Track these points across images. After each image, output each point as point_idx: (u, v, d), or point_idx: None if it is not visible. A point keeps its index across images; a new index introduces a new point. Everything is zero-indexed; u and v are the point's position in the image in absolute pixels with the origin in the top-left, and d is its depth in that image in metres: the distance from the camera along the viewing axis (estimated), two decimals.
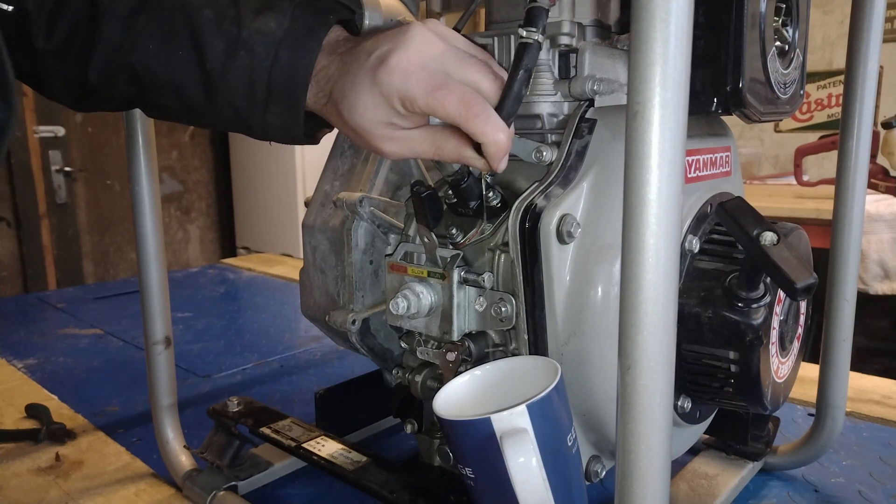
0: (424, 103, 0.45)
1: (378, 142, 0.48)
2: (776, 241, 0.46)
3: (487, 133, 0.45)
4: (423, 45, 0.46)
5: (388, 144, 0.48)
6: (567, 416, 0.47)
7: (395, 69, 0.45)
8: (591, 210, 0.52)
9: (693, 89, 0.34)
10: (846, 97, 0.61)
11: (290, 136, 0.51)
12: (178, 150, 3.29)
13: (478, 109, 0.45)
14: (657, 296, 0.34)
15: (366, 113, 0.47)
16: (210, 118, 0.52)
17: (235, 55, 0.48)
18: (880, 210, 2.01)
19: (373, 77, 0.45)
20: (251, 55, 0.48)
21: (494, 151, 0.46)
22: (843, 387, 0.65)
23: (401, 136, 0.48)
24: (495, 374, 0.52)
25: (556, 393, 0.45)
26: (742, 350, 0.51)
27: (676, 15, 0.31)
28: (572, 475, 0.47)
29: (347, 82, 0.47)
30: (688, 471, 0.67)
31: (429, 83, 0.45)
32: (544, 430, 0.44)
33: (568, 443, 0.47)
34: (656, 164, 0.33)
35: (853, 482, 0.69)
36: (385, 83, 0.45)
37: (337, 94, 0.48)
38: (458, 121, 0.45)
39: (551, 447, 0.45)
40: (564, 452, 0.46)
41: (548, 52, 0.56)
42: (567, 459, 0.46)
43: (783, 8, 0.56)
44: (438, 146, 0.48)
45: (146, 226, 0.68)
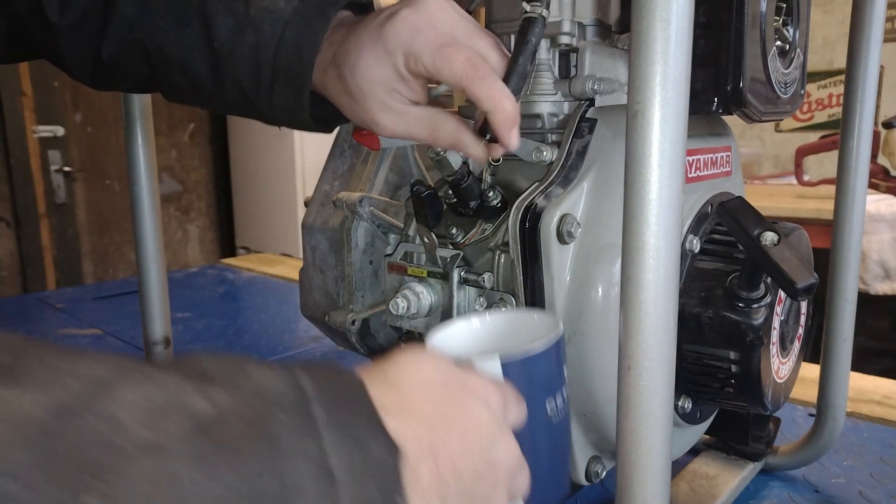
0: (430, 61, 0.43)
1: (374, 110, 0.46)
2: (777, 241, 0.46)
3: (495, 97, 0.43)
4: (437, 9, 0.45)
5: (383, 115, 0.46)
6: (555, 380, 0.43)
7: (405, 23, 0.43)
8: (591, 210, 0.52)
9: (693, 89, 0.34)
10: (847, 97, 0.61)
11: (298, 120, 0.50)
12: (178, 150, 3.29)
13: (485, 72, 0.43)
14: (658, 296, 0.34)
15: (367, 72, 0.45)
16: (220, 99, 0.52)
17: (243, 34, 0.47)
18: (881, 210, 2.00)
19: (379, 31, 0.44)
20: (258, 34, 0.47)
21: (503, 119, 0.44)
22: (844, 387, 0.65)
23: (398, 109, 0.46)
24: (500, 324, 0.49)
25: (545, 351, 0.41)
26: (743, 350, 0.51)
27: (677, 14, 0.31)
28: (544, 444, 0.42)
29: (352, 42, 0.45)
30: (688, 471, 0.67)
31: (437, 41, 0.43)
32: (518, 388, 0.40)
33: (547, 409, 0.42)
34: (657, 163, 0.33)
35: (854, 482, 0.69)
36: (391, 37, 0.44)
37: (340, 55, 0.46)
38: (463, 82, 0.43)
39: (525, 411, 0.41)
40: (539, 418, 0.41)
41: (548, 52, 0.56)
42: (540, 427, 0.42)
43: (784, 7, 0.56)
44: (434, 128, 0.47)
45: (145, 226, 0.68)
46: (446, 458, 0.31)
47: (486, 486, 0.33)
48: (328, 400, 0.27)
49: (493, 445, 0.33)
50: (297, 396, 0.26)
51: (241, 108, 0.52)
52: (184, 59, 0.49)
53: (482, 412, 0.33)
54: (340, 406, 0.27)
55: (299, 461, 0.24)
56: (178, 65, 0.50)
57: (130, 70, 0.52)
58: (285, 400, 0.26)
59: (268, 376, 0.26)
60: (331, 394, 0.27)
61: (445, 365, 0.35)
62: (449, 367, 0.35)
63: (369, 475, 0.26)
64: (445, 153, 0.55)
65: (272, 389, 0.26)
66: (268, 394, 0.25)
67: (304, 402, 0.26)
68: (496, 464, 0.33)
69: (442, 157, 0.55)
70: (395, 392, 0.31)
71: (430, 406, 0.32)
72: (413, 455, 0.29)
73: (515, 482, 0.36)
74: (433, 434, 0.31)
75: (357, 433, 0.27)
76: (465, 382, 0.34)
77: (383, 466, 0.27)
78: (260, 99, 0.49)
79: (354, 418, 0.27)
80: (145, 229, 0.67)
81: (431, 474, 0.30)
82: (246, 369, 0.26)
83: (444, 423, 0.32)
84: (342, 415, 0.27)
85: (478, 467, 0.32)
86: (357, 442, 0.26)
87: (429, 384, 0.33)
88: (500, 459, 0.34)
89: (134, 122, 0.65)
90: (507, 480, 0.34)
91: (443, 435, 0.31)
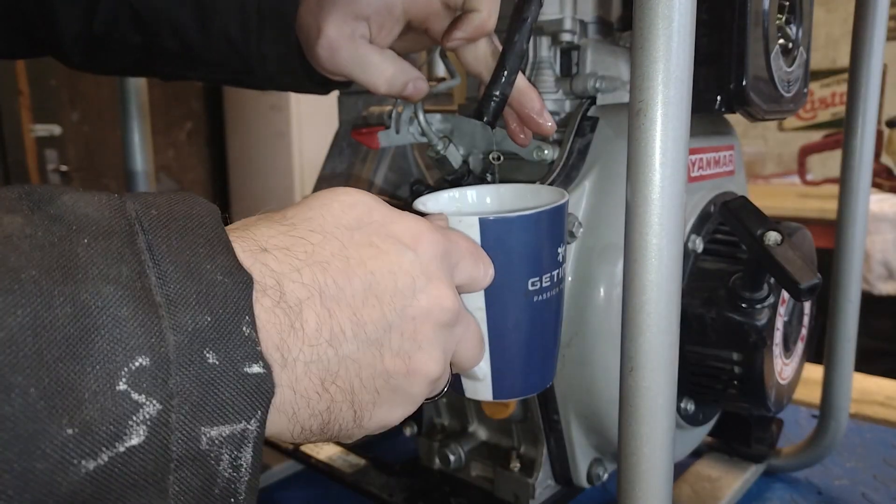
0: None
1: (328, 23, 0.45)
2: (780, 241, 0.46)
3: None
4: None
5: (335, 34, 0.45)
6: (542, 255, 0.38)
7: None
8: (593, 209, 0.52)
9: (696, 87, 0.34)
10: (850, 95, 0.61)
11: (289, 70, 0.50)
12: (175, 150, 3.29)
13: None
14: (660, 296, 0.33)
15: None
16: (210, 58, 0.51)
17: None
18: (884, 210, 2.00)
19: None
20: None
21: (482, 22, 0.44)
22: (847, 388, 0.64)
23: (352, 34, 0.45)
24: (504, 195, 0.45)
25: (529, 216, 0.37)
26: (745, 351, 0.50)
27: (679, 12, 0.31)
28: (522, 323, 0.39)
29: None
30: (691, 473, 0.67)
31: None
32: (498, 258, 0.37)
33: (527, 285, 0.38)
34: (659, 162, 0.32)
35: (857, 484, 0.68)
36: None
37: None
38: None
39: (500, 282, 0.37)
40: (517, 292, 0.38)
41: (549, 50, 0.56)
42: (517, 302, 0.38)
43: (786, 6, 0.56)
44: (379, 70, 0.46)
45: None
46: (343, 303, 0.28)
47: (402, 337, 0.30)
48: (161, 228, 0.25)
49: (413, 293, 0.30)
50: (115, 223, 0.24)
51: (232, 67, 0.51)
52: (172, 16, 0.49)
53: (401, 256, 0.30)
54: (176, 234, 0.25)
55: (104, 286, 0.22)
56: (167, 23, 0.50)
57: (122, 40, 0.52)
58: (97, 226, 0.23)
59: (83, 202, 0.24)
60: (167, 222, 0.25)
61: (365, 206, 0.31)
62: (369, 209, 0.31)
63: (204, 303, 0.24)
64: (446, 152, 0.54)
65: (81, 214, 0.23)
66: (72, 219, 0.23)
67: (125, 229, 0.24)
68: (418, 313, 0.30)
69: (442, 155, 0.54)
70: (286, 231, 0.29)
71: (329, 246, 0.29)
72: (295, 297, 0.27)
73: (454, 337, 0.33)
74: (326, 276, 0.28)
75: (192, 260, 0.24)
76: (388, 225, 0.31)
77: (223, 293, 0.24)
78: (249, 49, 0.49)
79: (192, 247, 0.25)
80: None
81: (320, 319, 0.28)
82: (60, 196, 0.24)
83: (344, 265, 0.29)
84: (175, 243, 0.24)
85: (388, 316, 0.30)
86: (190, 269, 0.24)
87: (335, 224, 0.30)
88: (424, 308, 0.31)
89: (131, 121, 0.65)
90: (436, 332, 0.31)
91: (340, 278, 0.28)
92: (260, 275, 0.26)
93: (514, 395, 0.41)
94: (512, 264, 0.37)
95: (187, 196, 0.27)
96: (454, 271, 0.33)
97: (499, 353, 0.38)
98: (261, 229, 0.28)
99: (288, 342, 0.26)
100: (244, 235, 0.27)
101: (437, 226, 0.34)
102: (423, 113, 0.55)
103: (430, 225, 0.33)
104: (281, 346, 0.26)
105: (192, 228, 0.25)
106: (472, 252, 0.35)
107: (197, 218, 0.26)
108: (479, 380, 0.39)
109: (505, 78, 0.45)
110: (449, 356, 0.33)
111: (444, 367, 0.33)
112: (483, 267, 0.35)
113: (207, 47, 0.51)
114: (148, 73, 0.57)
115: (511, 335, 0.38)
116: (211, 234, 0.26)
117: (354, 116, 0.71)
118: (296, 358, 0.27)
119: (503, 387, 0.39)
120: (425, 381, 0.32)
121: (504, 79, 0.45)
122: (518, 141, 0.51)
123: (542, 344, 0.40)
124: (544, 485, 0.57)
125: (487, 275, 0.35)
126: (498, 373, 0.39)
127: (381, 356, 0.30)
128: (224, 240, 0.26)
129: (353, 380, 0.29)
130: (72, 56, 0.54)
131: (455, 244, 0.33)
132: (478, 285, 0.36)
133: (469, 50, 0.47)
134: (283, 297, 0.27)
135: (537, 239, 0.37)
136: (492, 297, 0.37)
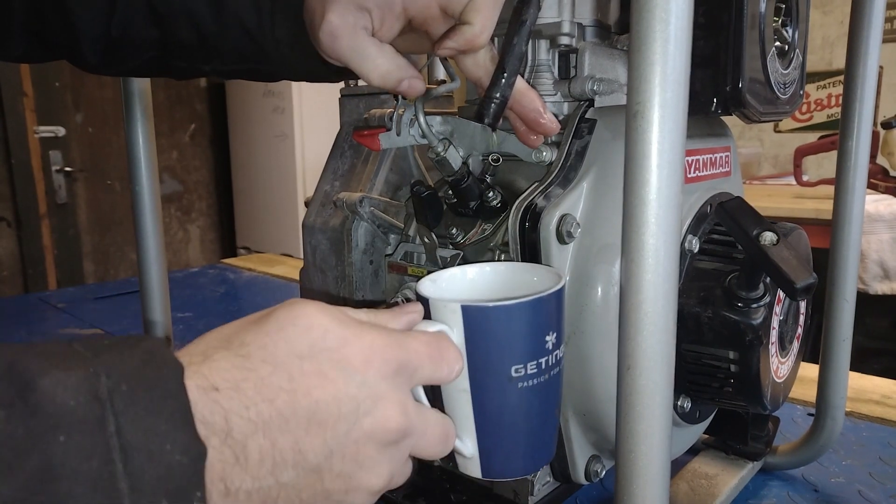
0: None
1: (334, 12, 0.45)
2: (776, 241, 0.46)
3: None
4: None
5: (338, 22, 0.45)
6: (527, 342, 0.38)
7: None
8: (590, 210, 0.52)
9: (693, 89, 0.34)
10: (846, 97, 0.61)
11: (303, 52, 0.50)
12: (179, 151, 3.30)
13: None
14: (657, 296, 0.34)
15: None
16: (225, 46, 0.52)
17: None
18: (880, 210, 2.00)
19: None
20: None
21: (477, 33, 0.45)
22: (843, 387, 0.65)
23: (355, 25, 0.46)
24: (500, 276, 0.45)
25: (510, 308, 0.37)
26: (742, 350, 0.51)
27: (676, 15, 0.31)
28: (508, 408, 0.39)
29: None
30: (687, 470, 0.67)
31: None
32: (479, 344, 0.37)
33: (510, 371, 0.38)
34: (656, 164, 0.33)
35: (853, 482, 0.69)
36: None
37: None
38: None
39: (483, 367, 0.38)
40: (499, 380, 0.38)
41: (548, 52, 0.56)
42: (501, 389, 0.38)
43: (783, 8, 0.56)
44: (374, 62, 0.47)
45: (146, 226, 0.68)
46: (286, 433, 0.30)
47: (343, 460, 0.32)
48: (131, 406, 0.26)
49: (357, 418, 0.32)
50: (89, 411, 0.26)
51: (247, 55, 0.52)
52: (187, 6, 0.50)
53: (349, 383, 0.32)
54: (143, 412, 0.27)
55: (75, 486, 0.25)
56: (183, 14, 0.51)
57: (139, 37, 0.53)
58: (72, 417, 0.25)
59: (61, 388, 0.25)
60: (135, 399, 0.27)
61: (321, 330, 0.33)
62: (324, 332, 0.33)
63: (162, 487, 0.26)
64: (446, 153, 0.55)
65: (60, 404, 0.25)
66: (51, 410, 0.25)
67: (97, 416, 0.26)
68: (360, 436, 0.32)
69: (442, 157, 0.55)
70: (240, 364, 0.30)
71: (278, 378, 0.31)
72: (241, 432, 0.29)
73: (402, 449, 0.35)
74: (272, 409, 0.30)
75: (155, 442, 0.26)
76: (341, 349, 0.33)
77: (179, 474, 0.27)
78: (263, 34, 0.50)
79: (156, 425, 0.27)
80: (146, 229, 0.67)
81: (262, 451, 0.30)
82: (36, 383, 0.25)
83: (290, 397, 0.31)
84: (142, 423, 0.26)
85: (329, 442, 0.31)
86: (152, 454, 0.26)
87: (287, 353, 0.32)
88: (367, 431, 0.32)
89: (135, 122, 0.66)
90: (379, 451, 0.33)
91: (286, 409, 0.30)
92: (210, 413, 0.29)
93: (506, 476, 0.42)
94: (494, 350, 0.38)
95: (155, 356, 0.28)
96: (412, 379, 0.35)
97: (485, 434, 0.39)
98: (217, 363, 0.30)
99: (232, 474, 0.29)
100: (200, 372, 0.30)
101: (394, 339, 0.35)
102: (424, 115, 0.55)
103: (385, 343, 0.34)
104: (225, 478, 0.29)
105: (158, 400, 0.27)
106: (431, 357, 0.36)
107: (163, 386, 0.28)
108: (466, 458, 0.40)
109: (505, 80, 0.45)
110: (397, 466, 0.35)
111: (390, 477, 0.35)
112: (447, 367, 0.37)
113: (223, 36, 0.51)
114: (163, 70, 0.57)
115: (496, 418, 0.39)
116: (174, 405, 0.28)
117: (356, 118, 0.71)
118: (238, 487, 0.30)
119: (493, 466, 0.40)
120: (367, 494, 0.34)
121: (504, 81, 0.45)
122: (529, 143, 0.52)
123: (530, 429, 0.40)
124: (543, 481, 0.58)
125: (453, 372, 0.37)
126: (486, 453, 0.40)
127: (321, 480, 0.32)
128: (184, 408, 0.28)
129: (294, 500, 0.32)
130: (89, 58, 0.54)
131: (413, 353, 0.35)
132: (445, 382, 0.38)
133: (468, 55, 0.48)
134: (230, 434, 0.29)
135: (519, 328, 0.38)
136: (475, 381, 0.38)
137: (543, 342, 0.39)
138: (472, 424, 0.39)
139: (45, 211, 2.79)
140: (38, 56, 0.57)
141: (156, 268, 0.68)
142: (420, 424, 0.36)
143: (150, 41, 0.53)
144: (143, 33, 0.52)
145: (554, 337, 0.39)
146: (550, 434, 0.42)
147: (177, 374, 0.28)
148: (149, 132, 0.66)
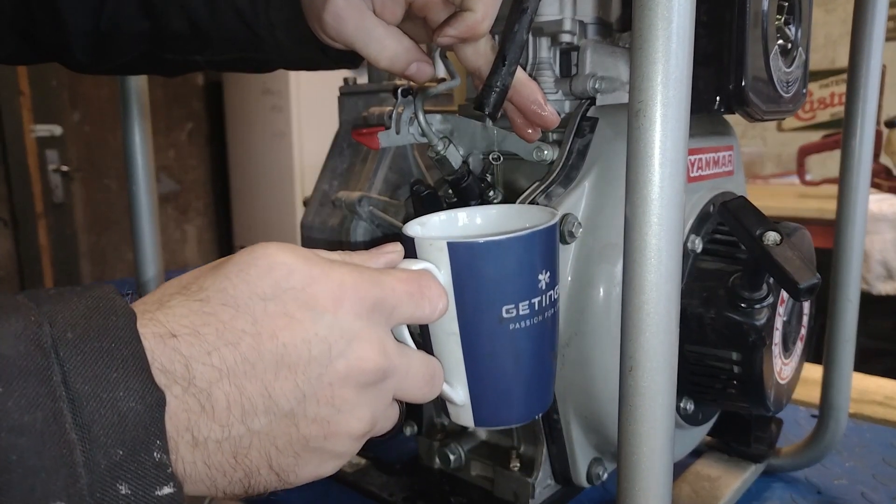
0: None
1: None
2: (779, 241, 0.46)
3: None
4: None
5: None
6: (519, 281, 0.36)
7: None
8: (592, 209, 0.52)
9: (695, 88, 0.34)
10: (849, 96, 0.61)
11: (301, 39, 0.49)
12: (176, 150, 3.29)
13: None
14: (659, 296, 0.33)
15: None
16: (218, 34, 0.51)
17: None
18: (883, 210, 2.00)
19: None
20: None
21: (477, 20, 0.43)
22: (847, 388, 0.65)
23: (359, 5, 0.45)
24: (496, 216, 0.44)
25: (501, 243, 0.35)
26: (745, 351, 0.50)
27: (678, 13, 0.31)
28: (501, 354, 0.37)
29: None
30: (690, 473, 0.67)
31: None
32: (468, 283, 0.35)
33: (501, 312, 0.36)
34: (658, 163, 0.32)
35: (856, 484, 0.68)
36: None
37: None
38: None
39: (472, 308, 0.36)
40: (490, 320, 0.36)
41: (549, 50, 0.56)
42: (491, 329, 0.36)
43: (785, 6, 0.56)
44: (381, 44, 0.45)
45: (143, 225, 0.68)
46: (254, 378, 0.29)
47: (318, 405, 0.30)
48: (77, 355, 0.25)
49: (329, 360, 0.30)
50: (31, 361, 0.24)
51: (242, 42, 0.51)
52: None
53: (317, 323, 0.30)
54: (91, 359, 0.25)
55: (18, 438, 0.23)
56: (175, 2, 0.50)
57: (130, 30, 0.52)
58: (12, 368, 0.24)
59: (1, 340, 0.24)
60: (82, 346, 0.25)
61: (285, 269, 0.31)
62: (289, 271, 0.31)
63: (117, 435, 0.25)
64: (446, 152, 0.54)
65: (4, 354, 0.24)
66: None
67: (40, 366, 0.24)
68: (335, 379, 0.31)
69: (442, 156, 0.54)
70: (198, 309, 0.29)
71: (241, 322, 0.29)
72: (204, 379, 0.28)
73: (384, 391, 0.33)
74: (237, 354, 0.29)
75: (106, 390, 0.25)
76: (307, 288, 0.31)
77: (134, 422, 0.25)
78: (257, 18, 0.49)
79: (106, 372, 0.25)
80: (143, 229, 0.67)
81: (230, 399, 0.28)
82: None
83: (254, 341, 0.29)
84: (90, 370, 0.25)
85: (301, 386, 0.30)
86: (103, 401, 0.25)
87: (249, 294, 0.30)
88: (341, 374, 0.31)
89: (132, 121, 0.65)
90: (358, 393, 0.32)
91: (251, 354, 0.29)
92: (169, 362, 0.27)
93: (498, 424, 0.40)
94: (483, 290, 0.36)
95: (103, 301, 0.27)
96: (391, 318, 0.34)
97: (476, 380, 0.38)
98: (173, 309, 0.29)
99: (199, 424, 0.28)
100: (155, 319, 0.28)
101: (367, 276, 0.33)
102: (424, 113, 0.55)
103: (356, 280, 0.32)
104: (191, 428, 0.28)
105: (107, 349, 0.26)
106: (410, 294, 0.34)
107: (112, 332, 0.26)
108: (457, 405, 0.39)
109: (505, 68, 0.44)
110: (380, 409, 0.34)
111: (372, 421, 0.33)
112: (429, 304, 0.35)
113: (216, 23, 0.50)
114: (154, 66, 0.56)
115: (487, 362, 0.37)
116: (125, 351, 0.26)
117: (355, 117, 0.71)
118: (206, 437, 0.28)
119: (484, 414, 0.39)
120: (349, 439, 0.32)
121: (504, 69, 0.44)
122: (526, 136, 0.51)
123: (523, 373, 0.39)
124: (544, 484, 0.57)
125: (436, 310, 0.35)
126: (477, 399, 0.38)
127: (296, 425, 0.30)
128: (138, 355, 0.26)
129: (269, 448, 0.30)
130: (78, 57, 0.54)
131: (389, 290, 0.33)
132: (428, 321, 0.36)
133: (468, 44, 0.47)
134: (193, 382, 0.28)
135: (510, 265, 0.36)
136: (464, 323, 0.36)
137: (536, 281, 0.37)
138: (462, 370, 0.37)
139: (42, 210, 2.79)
140: (26, 57, 0.57)
141: (153, 267, 0.68)
142: (402, 365, 0.34)
143: (141, 34, 0.52)
144: (134, 25, 0.51)
145: (547, 276, 0.38)
146: (546, 381, 0.40)
147: (128, 320, 0.27)
148: (146, 131, 0.66)
